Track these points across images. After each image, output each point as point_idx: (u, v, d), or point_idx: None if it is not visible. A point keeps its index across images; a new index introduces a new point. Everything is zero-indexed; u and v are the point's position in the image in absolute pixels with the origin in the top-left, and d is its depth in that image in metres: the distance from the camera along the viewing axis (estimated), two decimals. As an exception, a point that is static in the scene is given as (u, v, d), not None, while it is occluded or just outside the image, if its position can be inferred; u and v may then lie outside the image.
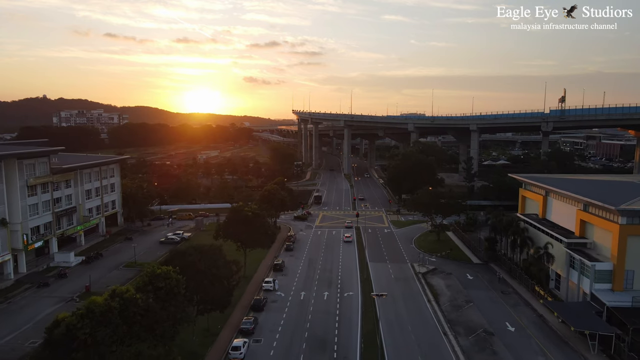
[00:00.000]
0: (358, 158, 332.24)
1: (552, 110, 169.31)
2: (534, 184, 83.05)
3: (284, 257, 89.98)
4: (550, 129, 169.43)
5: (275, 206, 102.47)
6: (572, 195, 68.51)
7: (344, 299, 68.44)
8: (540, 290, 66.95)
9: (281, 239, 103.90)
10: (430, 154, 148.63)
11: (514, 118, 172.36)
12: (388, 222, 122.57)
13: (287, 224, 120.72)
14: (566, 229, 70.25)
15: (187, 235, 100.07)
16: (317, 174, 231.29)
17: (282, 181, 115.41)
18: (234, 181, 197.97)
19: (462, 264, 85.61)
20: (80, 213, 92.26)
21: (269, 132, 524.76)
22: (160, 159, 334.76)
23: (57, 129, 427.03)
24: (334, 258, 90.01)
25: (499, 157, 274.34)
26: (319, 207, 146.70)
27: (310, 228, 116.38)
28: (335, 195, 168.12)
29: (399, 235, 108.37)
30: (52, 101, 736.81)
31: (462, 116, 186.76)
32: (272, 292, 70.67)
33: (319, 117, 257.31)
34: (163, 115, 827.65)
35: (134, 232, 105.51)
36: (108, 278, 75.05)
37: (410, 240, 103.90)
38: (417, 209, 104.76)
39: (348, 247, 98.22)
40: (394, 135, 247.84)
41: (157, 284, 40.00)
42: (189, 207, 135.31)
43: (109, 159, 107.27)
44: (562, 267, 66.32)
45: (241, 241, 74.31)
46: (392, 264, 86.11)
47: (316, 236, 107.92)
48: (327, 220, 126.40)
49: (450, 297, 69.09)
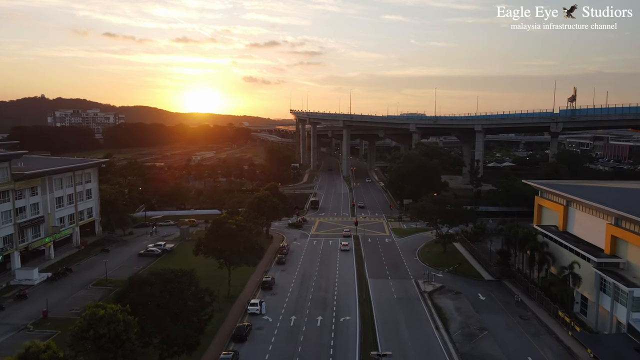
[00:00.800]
0: (358, 159, 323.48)
1: (561, 110, 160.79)
2: (553, 192, 74.40)
3: (275, 272, 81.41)
4: (560, 129, 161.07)
5: (266, 214, 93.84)
6: (600, 207, 59.86)
7: (340, 325, 59.74)
8: (566, 316, 58.26)
9: (273, 250, 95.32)
10: (433, 156, 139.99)
11: (521, 118, 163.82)
12: (389, 230, 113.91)
13: (281, 233, 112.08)
14: (593, 246, 61.61)
15: (169, 247, 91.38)
16: (315, 176, 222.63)
17: (274, 186, 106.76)
18: (227, 184, 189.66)
19: (472, 281, 76.92)
20: (49, 223, 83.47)
21: (267, 132, 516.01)
22: (154, 160, 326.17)
23: (50, 129, 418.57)
24: (330, 273, 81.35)
25: (503, 159, 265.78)
26: (316, 212, 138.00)
27: (305, 237, 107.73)
28: (333, 200, 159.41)
29: (401, 246, 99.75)
30: (50, 101, 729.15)
31: (467, 116, 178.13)
32: (258, 317, 62.00)
33: (317, 117, 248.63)
34: (162, 115, 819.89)
35: (113, 243, 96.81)
36: (73, 299, 66.39)
37: (414, 251, 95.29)
38: (421, 217, 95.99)
39: (346, 259, 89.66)
40: (394, 136, 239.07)
41: (99, 330, 31.37)
42: (176, 214, 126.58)
43: (84, 163, 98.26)
44: (591, 290, 57.69)
45: (224, 258, 65.66)
46: (394, 280, 77.44)
47: (311, 247, 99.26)
48: (324, 227, 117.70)
49: (461, 323, 60.42)
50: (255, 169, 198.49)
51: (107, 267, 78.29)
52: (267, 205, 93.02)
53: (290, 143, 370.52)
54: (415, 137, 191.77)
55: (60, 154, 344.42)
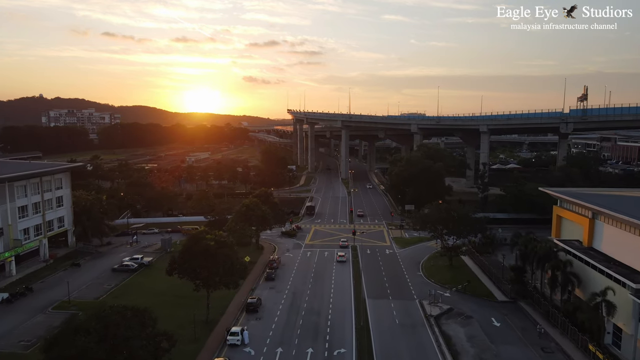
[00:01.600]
0: (357, 160, 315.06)
1: (572, 110, 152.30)
2: (576, 202, 65.76)
3: (263, 290, 72.90)
4: (571, 130, 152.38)
5: (255, 224, 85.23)
6: (637, 222, 51.25)
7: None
8: (598, 352, 49.61)
9: (263, 263, 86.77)
10: (437, 158, 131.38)
11: (529, 118, 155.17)
12: (390, 240, 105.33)
13: (273, 242, 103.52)
14: (628, 267, 53.04)
15: (147, 260, 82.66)
16: (313, 179, 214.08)
17: (265, 193, 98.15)
18: (220, 187, 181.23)
19: (483, 302, 68.24)
20: (10, 236, 74.69)
21: (265, 132, 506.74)
22: (147, 161, 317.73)
23: (43, 129, 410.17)
24: (325, 291, 72.76)
25: (507, 160, 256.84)
26: (312, 219, 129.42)
27: (298, 247, 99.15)
28: (330, 205, 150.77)
29: (403, 258, 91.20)
30: (48, 100, 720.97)
31: (471, 116, 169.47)
32: (239, 349, 53.38)
33: (315, 117, 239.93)
34: (161, 115, 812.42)
35: (87, 255, 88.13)
36: (27, 327, 57.58)
37: (417, 264, 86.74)
38: (425, 227, 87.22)
39: (342, 273, 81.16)
40: (395, 136, 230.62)
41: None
42: (159, 221, 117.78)
43: (52, 168, 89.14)
44: (628, 320, 49.06)
45: (201, 280, 57.07)
46: (396, 300, 68.82)
47: (305, 259, 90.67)
48: (320, 236, 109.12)
49: (474, 356, 51.85)
50: (249, 171, 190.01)
51: (75, 285, 70.14)
52: (255, 215, 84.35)
53: (289, 144, 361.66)
54: (416, 138, 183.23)
55: (53, 155, 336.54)
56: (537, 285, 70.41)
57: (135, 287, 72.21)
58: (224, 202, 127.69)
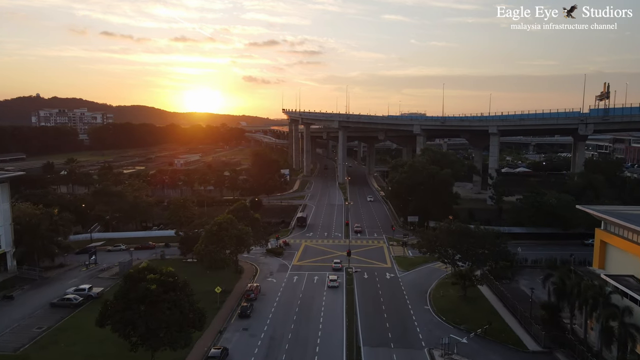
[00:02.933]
0: (356, 162, 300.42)
1: (592, 109, 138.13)
2: (630, 227, 51.26)
3: (233, 333, 58.52)
4: (590, 132, 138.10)
5: (229, 246, 70.65)
6: None
7: None
8: None
9: (239, 293, 72.33)
10: (443, 164, 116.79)
11: (544, 119, 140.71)
12: (391, 260, 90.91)
13: (255, 262, 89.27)
14: None
15: (96, 292, 67.94)
16: (308, 183, 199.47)
17: (243, 207, 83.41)
18: (207, 194, 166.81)
19: (511, 354, 53.59)
20: None
21: (262, 132, 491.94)
22: (136, 163, 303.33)
23: (29, 129, 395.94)
24: (310, 334, 58.30)
25: (516, 163, 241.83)
26: (302, 232, 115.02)
27: (284, 270, 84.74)
28: (325, 214, 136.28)
29: (406, 284, 76.79)
30: (45, 100, 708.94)
31: (480, 116, 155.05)
32: None
33: (311, 117, 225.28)
34: (160, 115, 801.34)
35: (27, 283, 73.58)
36: None
37: (424, 294, 72.32)
38: (434, 251, 72.29)
39: (333, 306, 66.98)
40: (396, 138, 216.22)
41: None
42: (127, 236, 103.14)
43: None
44: None
45: (139, 336, 42.55)
46: (400, 350, 54.29)
47: (290, 286, 76.19)
48: (310, 255, 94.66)
49: None
50: (238, 175, 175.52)
51: (-3, 328, 55.62)
52: (229, 235, 69.69)
53: (285, 145, 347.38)
54: (419, 139, 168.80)
55: (38, 156, 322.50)
56: (575, 327, 56.07)
57: (72, 331, 57.57)
58: (204, 213, 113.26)
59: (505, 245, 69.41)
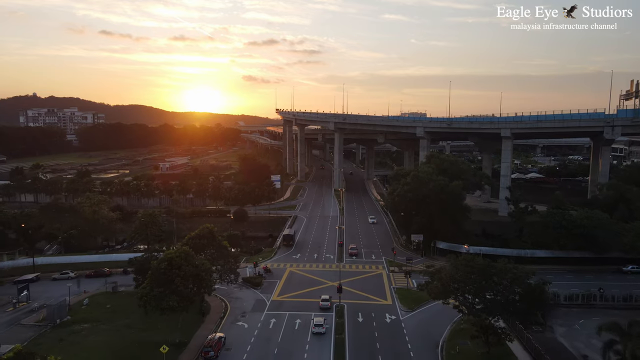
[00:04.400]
0: (354, 165, 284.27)
1: (619, 110, 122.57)
2: None
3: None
4: (617, 135, 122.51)
5: (182, 286, 54.32)
6: None
7: None
8: None
9: (197, 345, 56.31)
10: (453, 173, 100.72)
11: (564, 121, 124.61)
12: (391, 294, 74.72)
13: (226, 297, 73.33)
14: None
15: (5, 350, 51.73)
16: (301, 190, 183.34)
17: (209, 232, 66.80)
18: (188, 202, 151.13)
19: None
20: None
21: (258, 132, 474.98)
22: (122, 166, 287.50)
23: (13, 129, 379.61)
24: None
25: (527, 169, 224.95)
26: (289, 252, 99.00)
27: (260, 308, 68.64)
28: (316, 229, 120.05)
29: (411, 332, 60.64)
30: (41, 99, 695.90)
31: (491, 118, 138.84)
32: None
33: (305, 117, 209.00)
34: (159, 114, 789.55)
35: None
36: None
37: (434, 348, 56.26)
38: (447, 295, 55.44)
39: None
40: (396, 141, 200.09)
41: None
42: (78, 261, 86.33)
43: None
44: None
45: None
46: None
47: (264, 335, 59.95)
48: (295, 285, 78.44)
49: None
50: (222, 181, 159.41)
51: None
52: (182, 275, 53.43)
53: (281, 146, 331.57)
54: (422, 142, 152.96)
55: (22, 158, 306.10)
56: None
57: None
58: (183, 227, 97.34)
59: (541, 291, 52.86)
